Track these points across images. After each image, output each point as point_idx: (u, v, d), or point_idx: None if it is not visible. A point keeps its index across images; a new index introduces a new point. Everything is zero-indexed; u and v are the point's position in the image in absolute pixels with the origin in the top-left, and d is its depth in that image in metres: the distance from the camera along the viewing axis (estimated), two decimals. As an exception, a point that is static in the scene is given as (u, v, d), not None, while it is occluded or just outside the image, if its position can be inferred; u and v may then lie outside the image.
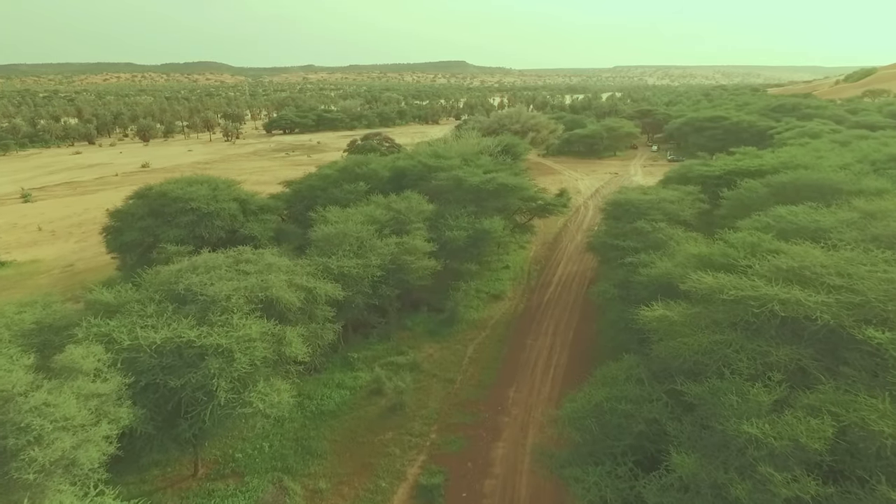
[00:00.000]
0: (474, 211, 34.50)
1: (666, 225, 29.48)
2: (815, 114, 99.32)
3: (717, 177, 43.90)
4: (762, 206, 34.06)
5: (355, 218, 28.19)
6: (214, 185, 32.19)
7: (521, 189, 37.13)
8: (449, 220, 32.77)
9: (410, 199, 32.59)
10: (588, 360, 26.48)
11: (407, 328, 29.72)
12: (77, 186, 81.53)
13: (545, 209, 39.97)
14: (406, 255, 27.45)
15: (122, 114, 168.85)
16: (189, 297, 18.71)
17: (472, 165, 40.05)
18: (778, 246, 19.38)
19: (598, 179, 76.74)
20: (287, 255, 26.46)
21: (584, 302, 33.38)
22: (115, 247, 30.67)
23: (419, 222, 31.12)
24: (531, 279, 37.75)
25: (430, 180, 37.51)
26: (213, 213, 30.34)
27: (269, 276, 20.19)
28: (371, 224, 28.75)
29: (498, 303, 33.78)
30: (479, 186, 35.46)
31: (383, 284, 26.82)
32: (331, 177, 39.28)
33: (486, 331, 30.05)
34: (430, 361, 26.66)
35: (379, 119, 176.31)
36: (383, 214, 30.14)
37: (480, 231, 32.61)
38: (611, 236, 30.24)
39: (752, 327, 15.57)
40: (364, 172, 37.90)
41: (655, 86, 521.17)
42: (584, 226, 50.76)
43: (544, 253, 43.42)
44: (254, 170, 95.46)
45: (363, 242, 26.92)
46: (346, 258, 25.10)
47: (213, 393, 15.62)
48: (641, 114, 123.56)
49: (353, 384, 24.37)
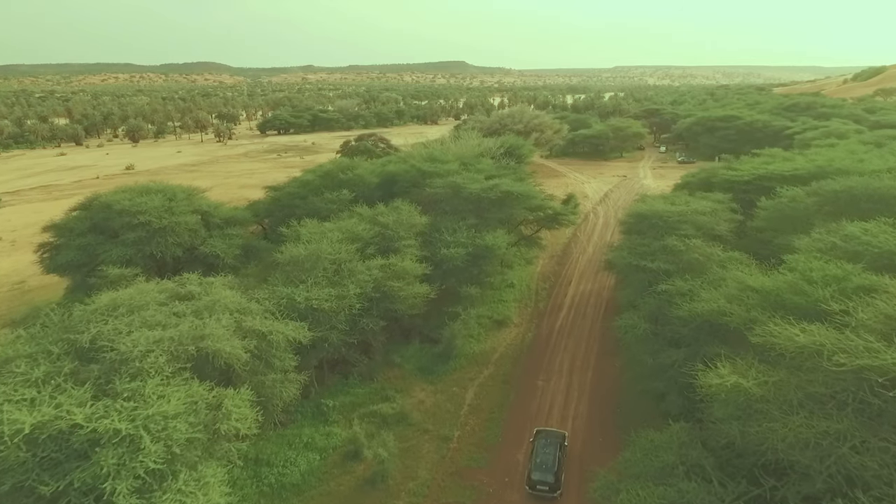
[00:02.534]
0: (474, 224, 29.89)
1: (701, 242, 24.85)
2: (832, 113, 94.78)
3: (746, 182, 39.27)
4: (809, 218, 29.52)
5: (332, 235, 23.55)
6: (171, 195, 27.55)
7: (528, 197, 32.52)
8: (445, 234, 28.16)
9: (400, 211, 27.98)
10: (613, 411, 21.86)
11: (395, 365, 25.08)
12: (53, 190, 76.86)
13: (554, 219, 35.35)
14: (393, 281, 22.84)
15: (113, 114, 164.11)
16: (96, 353, 14.06)
17: (471, 170, 35.43)
18: (875, 281, 14.74)
19: (606, 183, 72.10)
20: (252, 281, 21.87)
21: (603, 330, 28.76)
22: (51, 268, 26.05)
23: (410, 238, 26.51)
24: (539, 300, 33.08)
25: (424, 187, 32.89)
26: (166, 228, 25.71)
27: (208, 321, 15.53)
28: (352, 242, 24.14)
29: (502, 331, 29.13)
30: (479, 195, 30.85)
31: (365, 317, 22.22)
32: (311, 183, 34.67)
33: (489, 368, 25.41)
34: (421, 410, 22.00)
35: (376, 119, 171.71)
36: (367, 230, 25.51)
37: (482, 247, 28.00)
38: (635, 255, 25.60)
39: (870, 410, 10.94)
40: (349, 179, 33.27)
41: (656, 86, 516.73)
42: (595, 236, 46.14)
43: (553, 268, 38.76)
44: (242, 172, 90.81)
45: (340, 266, 22.30)
46: (318, 287, 20.47)
47: (107, 501, 11.02)
48: (648, 113, 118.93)
49: (324, 444, 19.71)
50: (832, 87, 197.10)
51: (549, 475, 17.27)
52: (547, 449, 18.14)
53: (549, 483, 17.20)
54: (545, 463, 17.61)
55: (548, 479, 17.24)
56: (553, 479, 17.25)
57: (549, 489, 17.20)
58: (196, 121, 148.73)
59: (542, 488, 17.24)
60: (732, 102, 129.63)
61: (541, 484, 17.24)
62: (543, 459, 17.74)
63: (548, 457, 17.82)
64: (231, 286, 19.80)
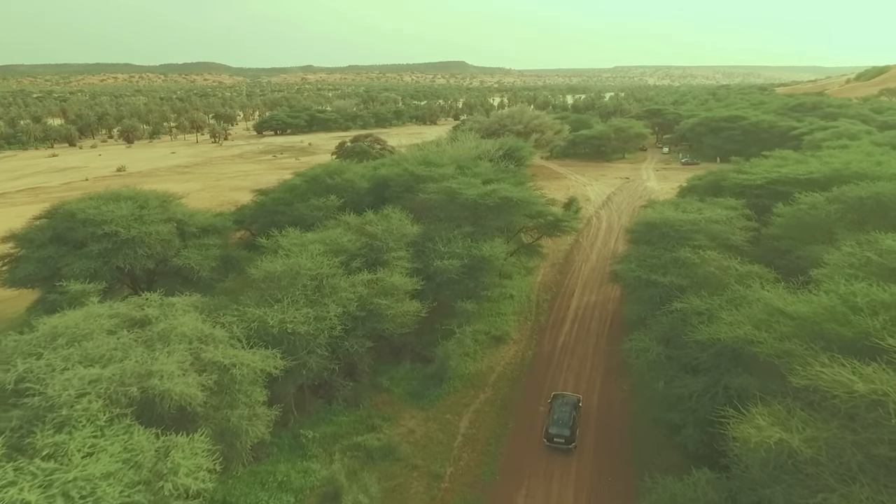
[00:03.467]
0: (470, 232, 27.83)
1: (717, 255, 22.78)
2: (839, 113, 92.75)
3: (759, 187, 37.23)
4: (830, 227, 27.46)
5: (313, 248, 21.47)
6: (142, 203, 25.45)
7: (528, 203, 30.43)
8: (439, 244, 26.08)
9: (390, 219, 25.91)
10: (624, 444, 19.78)
11: (383, 389, 23.00)
12: (40, 193, 74.76)
13: (555, 226, 33.25)
14: (380, 298, 20.77)
15: (108, 114, 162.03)
16: (20, 396, 11.99)
17: (468, 174, 33.35)
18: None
19: (609, 185, 69.98)
20: (224, 300, 19.80)
21: (608, 347, 26.69)
22: (10, 282, 23.95)
23: (401, 249, 24.44)
24: (540, 313, 31.01)
25: (417, 193, 30.83)
26: (135, 238, 23.63)
27: (160, 353, 13.46)
28: (336, 254, 22.06)
29: (501, 348, 27.06)
30: (476, 201, 28.76)
31: (349, 338, 20.16)
32: (298, 188, 32.60)
33: (486, 391, 23.34)
34: (410, 442, 19.93)
35: (375, 120, 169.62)
36: (353, 241, 23.42)
37: (478, 258, 25.94)
38: (645, 268, 23.54)
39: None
40: (337, 183, 31.18)
41: (656, 86, 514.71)
42: (599, 242, 44.07)
43: (554, 277, 36.69)
44: (235, 174, 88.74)
45: (322, 282, 20.23)
46: (295, 307, 18.40)
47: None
48: (650, 113, 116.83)
49: (301, 483, 17.63)
50: (835, 87, 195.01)
51: (565, 429, 19.46)
52: (563, 408, 20.22)
53: (564, 436, 19.38)
54: (562, 419, 19.76)
55: (564, 433, 19.40)
56: (569, 432, 19.41)
57: (565, 441, 19.38)
58: (191, 121, 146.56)
59: (558, 440, 19.42)
60: (736, 102, 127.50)
61: (557, 437, 19.41)
62: (560, 416, 19.89)
63: (564, 414, 19.94)
64: (196, 307, 17.74)
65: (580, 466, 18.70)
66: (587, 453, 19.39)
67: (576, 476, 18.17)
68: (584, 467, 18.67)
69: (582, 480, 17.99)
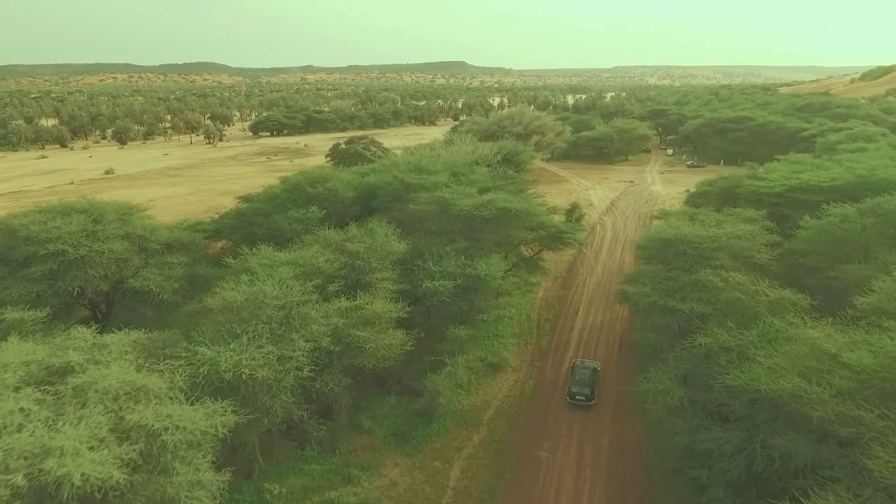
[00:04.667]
0: (465, 247, 25.13)
1: (743, 277, 20.08)
2: (848, 114, 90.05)
3: (777, 195, 34.53)
4: (866, 244, 24.78)
5: (283, 271, 18.78)
6: (97, 216, 22.76)
7: (528, 215, 27.72)
8: (429, 262, 23.40)
9: (375, 235, 23.21)
10: (640, 498, 17.07)
11: (363, 429, 20.29)
12: (21, 197, 72.02)
13: (558, 238, 30.55)
14: (359, 330, 18.09)
15: (101, 115, 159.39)
16: None
17: (463, 182, 30.68)
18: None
19: (612, 189, 67.24)
20: (176, 334, 17.12)
21: (618, 376, 24.01)
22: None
23: (385, 270, 21.76)
24: (542, 335, 28.31)
25: (408, 202, 28.17)
26: (86, 257, 20.96)
27: (68, 421, 10.77)
28: (310, 278, 19.37)
29: (498, 377, 24.37)
30: (471, 213, 26.07)
31: (322, 376, 17.48)
32: (278, 198, 29.92)
33: (481, 431, 20.65)
34: (392, 497, 17.25)
35: (373, 120, 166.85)
36: (330, 262, 20.71)
37: (473, 278, 23.24)
38: (661, 292, 20.85)
39: None
40: (319, 193, 28.46)
41: (657, 85, 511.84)
42: (604, 252, 41.36)
43: (556, 292, 33.98)
44: (226, 177, 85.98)
45: (291, 312, 17.54)
46: (256, 345, 15.70)
47: None
48: (653, 114, 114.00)
49: (261, 556, 14.93)
50: (840, 87, 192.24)
51: (585, 388, 22.08)
52: (584, 370, 22.82)
53: (585, 394, 21.97)
54: (583, 380, 22.35)
55: (584, 392, 22.02)
56: (588, 391, 22.02)
57: (585, 399, 21.93)
58: (186, 122, 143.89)
59: (580, 398, 21.95)
60: (741, 103, 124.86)
61: (579, 395, 21.98)
62: (581, 377, 22.48)
63: (585, 375, 22.53)
64: (137, 347, 15.05)
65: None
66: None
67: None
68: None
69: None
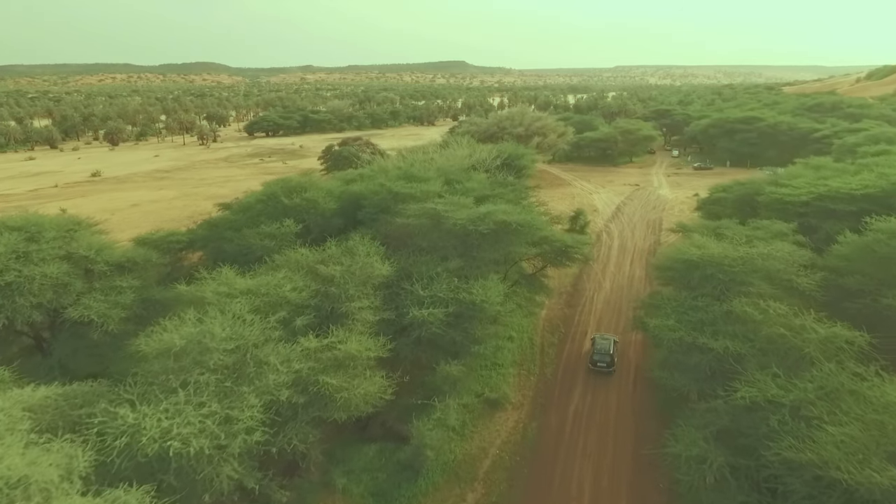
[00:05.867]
0: (459, 267, 22.06)
1: (785, 308, 17.01)
2: (861, 114, 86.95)
3: (804, 203, 31.45)
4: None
5: (239, 305, 15.71)
6: (33, 234, 19.70)
7: (530, 228, 24.60)
8: (417, 286, 20.33)
9: (355, 255, 20.14)
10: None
11: (337, 490, 17.21)
12: (0, 201, 69.03)
13: (564, 254, 27.50)
14: (328, 375, 15.03)
15: (94, 115, 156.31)
16: None
17: (458, 191, 27.60)
18: None
19: (617, 193, 64.15)
20: (103, 386, 14.09)
21: (638, 422, 20.94)
22: None
23: (366, 296, 18.70)
24: (546, 364, 25.25)
25: (396, 214, 25.10)
26: (14, 283, 17.94)
27: None
28: (275, 309, 16.32)
29: (496, 416, 21.32)
30: (466, 227, 22.99)
31: (284, 430, 14.43)
32: (252, 209, 26.87)
33: (476, 488, 17.59)
34: (367, 583, 14.16)
35: (370, 121, 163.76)
36: (297, 291, 17.62)
37: (468, 305, 20.17)
38: (688, 327, 17.77)
39: None
40: (296, 204, 25.37)
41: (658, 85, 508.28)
42: (612, 264, 38.29)
43: (561, 310, 30.91)
44: (216, 179, 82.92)
45: (245, 357, 14.48)
46: (195, 404, 12.65)
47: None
48: (658, 114, 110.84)
49: None
50: (846, 87, 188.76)
51: (606, 357, 24.16)
52: (604, 341, 24.97)
53: (606, 361, 24.07)
54: (603, 349, 24.45)
55: (605, 360, 24.10)
56: (609, 359, 24.11)
57: (606, 366, 24.06)
58: (179, 122, 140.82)
59: (601, 365, 24.06)
60: (747, 102, 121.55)
61: (600, 362, 24.08)
62: (601, 347, 24.57)
63: (605, 345, 24.64)
64: (38, 410, 11.99)
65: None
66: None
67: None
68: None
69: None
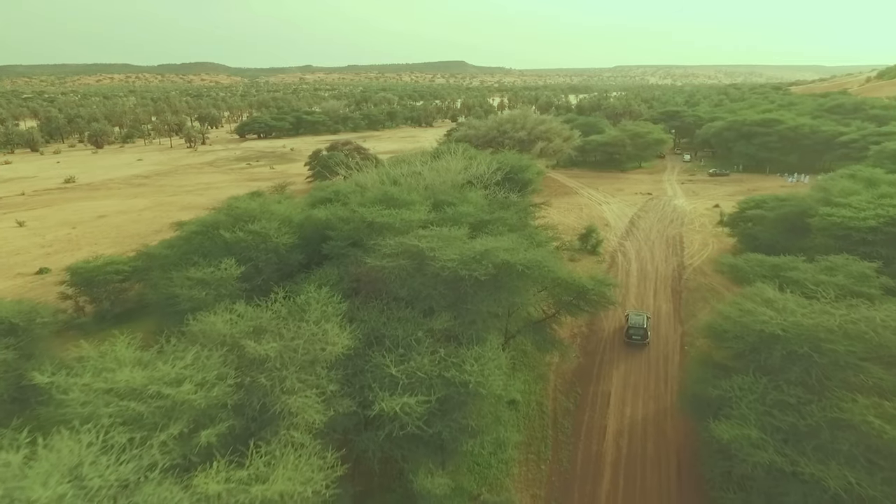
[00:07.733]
0: (447, 328, 16.58)
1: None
2: (886, 115, 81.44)
3: (871, 229, 26.01)
4: None
5: (110, 417, 10.19)
6: None
7: (541, 270, 19.06)
8: (389, 360, 14.84)
9: (306, 315, 14.62)
10: None
11: None
12: (-42, 212, 63.48)
13: (583, 299, 21.94)
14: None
15: (80, 117, 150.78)
16: None
17: (449, 217, 22.05)
18: None
19: (629, 203, 58.51)
20: None
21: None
22: None
23: (313, 385, 13.20)
24: (560, 445, 19.68)
25: (369, 251, 19.59)
26: None
27: None
28: (166, 421, 10.83)
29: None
30: (458, 271, 17.47)
31: None
32: (190, 242, 21.36)
33: None
34: None
35: (366, 122, 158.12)
36: (205, 390, 12.08)
37: (458, 387, 14.67)
38: (775, 435, 12.25)
39: None
40: (240, 239, 19.83)
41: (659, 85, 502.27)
42: (632, 295, 32.75)
43: (575, 359, 25.39)
44: (196, 186, 77.36)
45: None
46: None
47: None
48: (667, 116, 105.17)
49: None
50: (856, 86, 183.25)
51: (640, 330, 26.87)
52: (637, 317, 27.61)
53: (640, 334, 26.80)
54: (637, 323, 27.10)
55: (640, 333, 26.81)
56: (643, 332, 26.81)
57: (641, 338, 26.76)
58: (166, 123, 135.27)
59: (636, 338, 26.73)
60: (759, 103, 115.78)
61: (635, 335, 26.75)
62: (635, 321, 27.22)
63: (639, 320, 27.38)
64: None
65: None
66: None
67: None
68: None
69: None
